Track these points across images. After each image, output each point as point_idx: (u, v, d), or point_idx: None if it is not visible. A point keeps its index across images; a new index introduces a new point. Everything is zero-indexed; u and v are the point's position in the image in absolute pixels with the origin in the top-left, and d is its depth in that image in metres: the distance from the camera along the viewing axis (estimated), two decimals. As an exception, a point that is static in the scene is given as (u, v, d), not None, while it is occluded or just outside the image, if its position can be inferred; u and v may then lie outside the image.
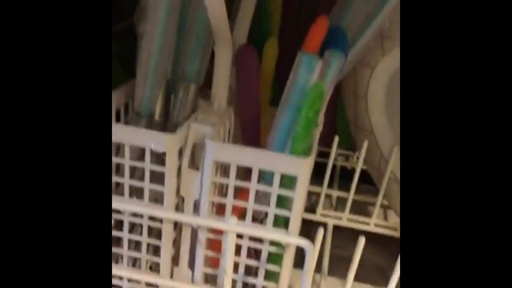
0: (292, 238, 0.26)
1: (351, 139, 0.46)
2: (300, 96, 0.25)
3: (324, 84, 0.25)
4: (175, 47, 0.29)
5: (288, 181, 0.26)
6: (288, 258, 0.28)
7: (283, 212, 0.27)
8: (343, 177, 0.52)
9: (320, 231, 0.30)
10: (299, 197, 0.26)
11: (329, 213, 0.46)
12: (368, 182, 0.47)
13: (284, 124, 0.26)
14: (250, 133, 0.30)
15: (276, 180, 0.26)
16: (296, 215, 0.27)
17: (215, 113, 0.29)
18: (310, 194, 0.48)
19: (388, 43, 0.36)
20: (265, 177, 0.27)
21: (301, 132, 0.25)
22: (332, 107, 0.50)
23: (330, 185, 0.49)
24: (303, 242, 0.26)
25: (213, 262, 0.30)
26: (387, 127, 0.43)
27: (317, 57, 0.25)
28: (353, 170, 0.49)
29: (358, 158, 0.47)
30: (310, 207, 0.47)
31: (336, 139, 0.44)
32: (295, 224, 0.27)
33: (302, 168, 0.25)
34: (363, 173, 0.46)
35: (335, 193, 0.49)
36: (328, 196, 0.49)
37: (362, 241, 0.29)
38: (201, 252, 0.28)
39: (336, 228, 0.46)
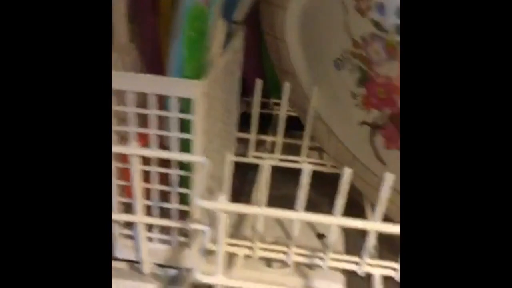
0: (189, 156, 0.28)
1: (278, 87, 0.48)
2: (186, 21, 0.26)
3: (206, 7, 0.26)
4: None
5: (187, 107, 0.28)
6: (197, 180, 0.30)
7: (186, 136, 0.28)
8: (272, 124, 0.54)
9: (229, 156, 0.31)
10: (197, 119, 0.28)
11: (262, 155, 0.48)
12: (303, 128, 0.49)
13: (176, 50, 0.28)
14: (152, 67, 0.31)
15: (174, 104, 0.28)
16: (197, 136, 0.28)
17: (114, 49, 0.30)
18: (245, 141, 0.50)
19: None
20: (167, 105, 0.29)
21: (188, 54, 0.26)
22: (255, 55, 0.51)
23: (266, 133, 0.51)
24: (200, 159, 0.28)
25: (128, 192, 0.31)
26: (307, 68, 0.44)
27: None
28: (289, 118, 0.51)
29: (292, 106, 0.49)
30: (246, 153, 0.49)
31: (259, 82, 0.45)
32: (196, 145, 0.29)
33: (195, 90, 0.27)
34: (298, 120, 0.48)
35: (269, 138, 0.51)
36: (263, 142, 0.51)
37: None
38: (114, 181, 0.30)
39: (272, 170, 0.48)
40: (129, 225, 0.32)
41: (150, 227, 0.32)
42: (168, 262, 0.34)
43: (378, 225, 0.27)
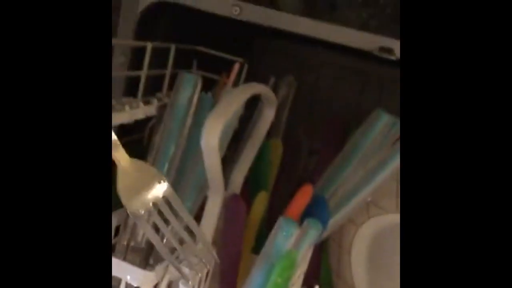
0: None
1: (332, 285, 0.46)
2: (275, 258, 0.27)
3: (297, 254, 0.27)
4: (173, 182, 0.32)
5: None
6: None
7: None
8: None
9: None
10: None
11: None
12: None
13: (257, 280, 0.28)
14: (228, 277, 0.31)
15: None
16: None
17: (198, 253, 0.31)
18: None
19: (374, 209, 0.39)
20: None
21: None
22: (317, 250, 0.51)
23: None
24: None
25: None
26: (368, 286, 0.43)
27: (296, 225, 0.28)
28: None
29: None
30: None
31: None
32: None
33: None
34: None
35: None
36: None
37: None
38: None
39: None
40: None
41: None
42: None
43: None
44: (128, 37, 0.46)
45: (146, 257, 0.32)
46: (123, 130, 0.42)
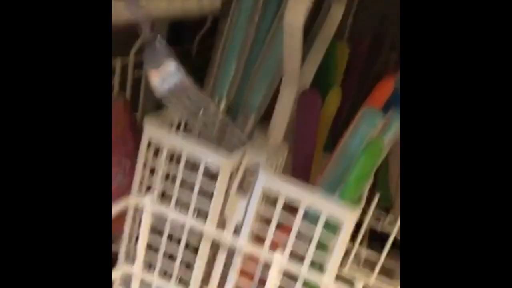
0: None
1: (389, 199, 0.46)
2: (358, 148, 0.26)
3: (383, 141, 0.26)
4: (242, 75, 0.31)
5: (329, 226, 0.27)
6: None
7: (322, 255, 0.27)
8: (371, 238, 0.51)
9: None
10: (341, 245, 0.26)
11: (359, 271, 0.45)
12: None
13: (337, 170, 0.27)
14: (300, 174, 0.31)
15: (321, 221, 0.26)
16: (335, 261, 0.27)
17: (269, 148, 0.30)
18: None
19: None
20: (308, 217, 0.28)
21: (354, 183, 0.26)
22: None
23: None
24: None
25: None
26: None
27: (380, 114, 0.26)
28: (382, 233, 0.48)
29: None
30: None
31: (377, 196, 0.43)
32: (332, 270, 0.27)
33: (349, 216, 0.26)
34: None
35: (364, 252, 0.48)
36: (355, 255, 0.49)
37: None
38: (233, 277, 0.29)
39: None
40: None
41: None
42: None
43: None
44: None
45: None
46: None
